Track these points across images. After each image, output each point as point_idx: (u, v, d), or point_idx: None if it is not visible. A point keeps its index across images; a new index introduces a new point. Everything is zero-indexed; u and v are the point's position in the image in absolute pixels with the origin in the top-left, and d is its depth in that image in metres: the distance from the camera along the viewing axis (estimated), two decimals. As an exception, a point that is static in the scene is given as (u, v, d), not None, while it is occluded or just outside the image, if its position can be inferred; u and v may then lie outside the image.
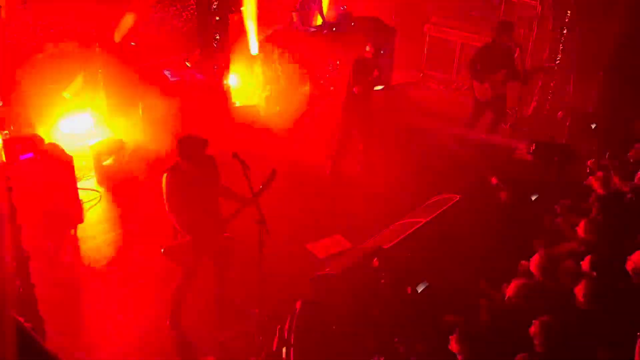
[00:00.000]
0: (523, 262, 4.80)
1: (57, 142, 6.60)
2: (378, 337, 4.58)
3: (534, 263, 4.58)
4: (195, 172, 4.87)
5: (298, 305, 4.14)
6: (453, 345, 3.98)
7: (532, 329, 3.98)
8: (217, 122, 7.97)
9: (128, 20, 8.23)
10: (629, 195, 5.53)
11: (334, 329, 4.39)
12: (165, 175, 4.86)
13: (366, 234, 6.17)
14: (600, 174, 5.90)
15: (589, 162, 6.59)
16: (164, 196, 4.87)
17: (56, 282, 5.71)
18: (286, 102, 9.01)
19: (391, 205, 6.88)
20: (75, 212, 6.46)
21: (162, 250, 4.98)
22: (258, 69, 9.29)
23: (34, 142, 6.18)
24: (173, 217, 4.91)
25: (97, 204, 7.06)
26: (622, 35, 8.60)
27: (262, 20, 9.59)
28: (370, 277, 4.98)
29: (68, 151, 6.43)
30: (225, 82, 8.43)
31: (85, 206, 6.82)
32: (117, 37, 8.13)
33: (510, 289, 4.40)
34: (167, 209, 4.91)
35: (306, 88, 9.14)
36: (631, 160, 6.23)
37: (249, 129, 8.36)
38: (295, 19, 9.46)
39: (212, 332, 5.32)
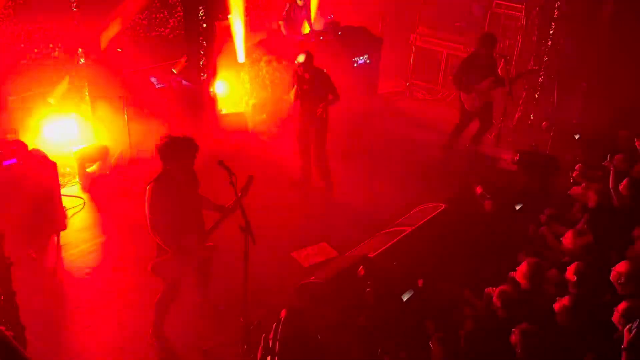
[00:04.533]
0: (512, 272, 4.82)
1: (40, 148, 6.54)
2: (363, 346, 4.57)
3: (521, 271, 4.61)
4: (181, 181, 4.79)
5: (283, 314, 4.12)
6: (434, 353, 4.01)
7: (513, 337, 4.01)
8: (203, 129, 7.95)
9: (114, 26, 8.20)
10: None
11: (319, 338, 4.37)
12: (149, 186, 4.71)
13: (352, 243, 6.17)
14: (585, 184, 5.98)
15: (574, 174, 6.66)
16: (147, 208, 4.69)
17: (38, 289, 5.65)
18: (272, 110, 9.02)
19: (377, 214, 6.90)
20: (58, 218, 6.39)
21: (149, 268, 4.89)
22: (245, 76, 9.29)
23: (18, 147, 6.11)
24: (156, 232, 4.73)
25: (81, 210, 7.00)
26: (606, 46, 8.74)
27: (250, 27, 9.61)
28: (355, 286, 4.97)
29: (52, 157, 6.37)
30: (211, 89, 8.42)
31: (69, 213, 6.76)
32: (104, 43, 8.10)
33: (495, 296, 4.42)
34: (149, 223, 4.72)
35: (292, 96, 9.15)
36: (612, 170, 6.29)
37: (235, 136, 8.35)
38: (282, 28, 9.49)
39: (196, 341, 5.28)
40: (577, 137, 7.69)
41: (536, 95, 9.35)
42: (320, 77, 7.07)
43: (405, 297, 4.85)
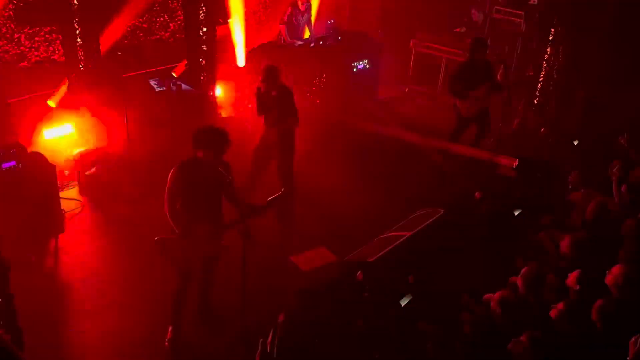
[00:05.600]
0: (513, 278, 4.81)
1: (40, 151, 6.55)
2: (361, 350, 4.57)
3: (522, 276, 4.61)
4: (206, 170, 4.79)
5: (281, 318, 4.12)
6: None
7: (520, 345, 3.99)
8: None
9: (115, 30, 8.21)
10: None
11: (317, 343, 4.37)
12: (173, 168, 4.77)
13: (350, 247, 6.17)
14: (583, 190, 5.99)
15: (570, 178, 6.67)
16: (166, 188, 4.77)
17: (36, 292, 5.63)
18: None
19: (375, 219, 6.90)
20: (57, 221, 6.39)
21: (155, 239, 4.88)
22: (244, 80, 9.30)
23: (17, 150, 6.12)
24: (169, 213, 4.80)
25: (79, 213, 6.99)
26: (605, 52, 8.76)
27: (250, 32, 9.63)
28: (354, 290, 4.98)
29: (51, 160, 6.38)
30: (211, 93, 8.43)
31: (67, 216, 6.76)
32: (104, 46, 8.10)
33: (495, 301, 4.42)
34: (165, 203, 4.80)
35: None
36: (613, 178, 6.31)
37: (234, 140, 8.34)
38: (282, 32, 9.50)
39: (195, 344, 5.27)
40: (575, 143, 7.70)
41: (535, 102, 9.37)
42: (287, 95, 6.81)
43: (403, 302, 4.85)
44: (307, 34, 9.83)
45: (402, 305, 4.84)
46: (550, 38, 8.99)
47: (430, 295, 5.06)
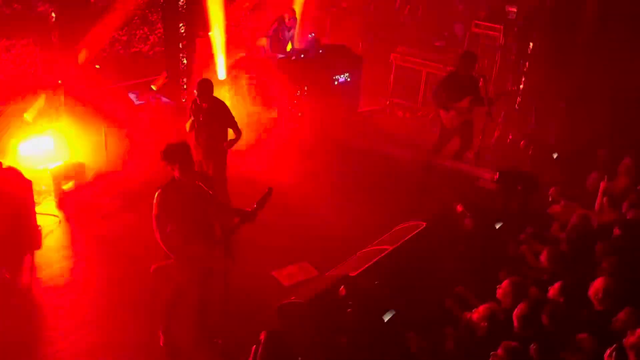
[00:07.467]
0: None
1: (16, 165, 6.43)
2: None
3: (503, 289, 4.61)
4: (189, 187, 4.73)
5: (262, 335, 4.06)
6: None
7: (499, 351, 3.97)
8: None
9: (94, 42, 8.14)
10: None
11: (300, 359, 4.32)
12: (157, 192, 4.70)
13: (333, 262, 6.13)
14: (564, 203, 6.04)
15: (550, 191, 6.72)
16: (154, 214, 4.69)
17: (10, 310, 5.52)
18: (253, 128, 9.00)
19: (357, 233, 6.87)
20: (33, 237, 6.26)
21: (151, 270, 4.82)
22: (225, 93, 9.27)
23: (-9, 165, 6.00)
24: (161, 238, 4.73)
25: (56, 229, 6.86)
26: (584, 66, 8.89)
27: (230, 45, 9.61)
28: (336, 306, 4.93)
29: (27, 175, 6.26)
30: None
31: (44, 231, 6.63)
32: (82, 58, 8.02)
33: (477, 313, 4.41)
34: (155, 228, 4.72)
35: (274, 114, 9.16)
36: (590, 190, 6.37)
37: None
38: (265, 45, 9.50)
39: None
40: (555, 156, 7.77)
41: (515, 113, 9.46)
42: (219, 108, 6.74)
43: (386, 318, 4.81)
44: (289, 48, 9.85)
45: (386, 321, 4.80)
46: (529, 51, 9.10)
47: (414, 309, 5.03)
